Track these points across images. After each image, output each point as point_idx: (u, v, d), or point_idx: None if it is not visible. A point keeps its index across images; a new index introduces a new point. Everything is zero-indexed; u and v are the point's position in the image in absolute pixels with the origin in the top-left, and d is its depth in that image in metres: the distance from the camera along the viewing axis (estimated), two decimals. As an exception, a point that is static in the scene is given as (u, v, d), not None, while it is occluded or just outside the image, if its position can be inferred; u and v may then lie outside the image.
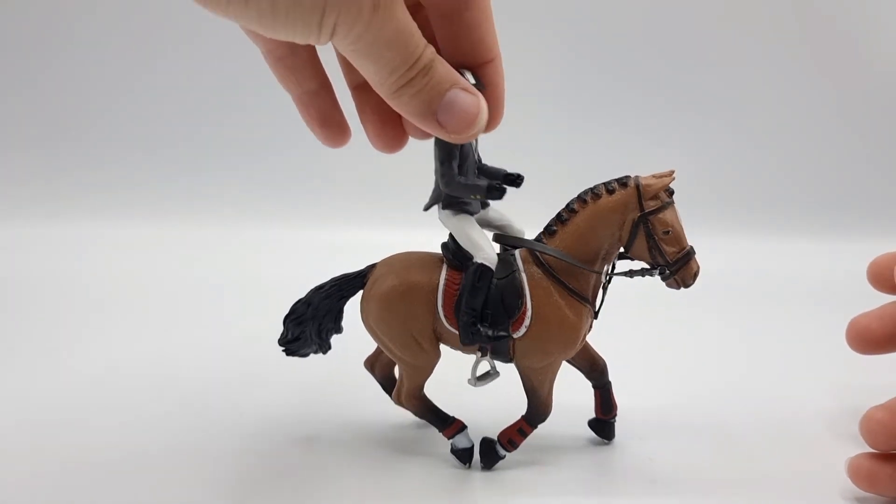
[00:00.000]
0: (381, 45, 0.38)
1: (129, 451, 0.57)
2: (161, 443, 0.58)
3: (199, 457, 0.56)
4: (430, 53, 0.40)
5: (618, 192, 0.49)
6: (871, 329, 0.54)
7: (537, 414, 0.53)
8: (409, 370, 0.54)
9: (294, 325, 0.54)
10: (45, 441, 0.59)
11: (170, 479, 0.53)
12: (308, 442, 0.58)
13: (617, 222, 0.49)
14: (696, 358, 0.78)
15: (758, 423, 0.62)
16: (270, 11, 0.35)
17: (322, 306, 0.54)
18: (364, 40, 0.37)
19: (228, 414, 0.64)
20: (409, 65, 0.39)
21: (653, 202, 0.48)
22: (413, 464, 0.55)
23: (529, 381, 0.52)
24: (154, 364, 0.75)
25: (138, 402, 0.66)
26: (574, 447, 0.58)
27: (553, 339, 0.50)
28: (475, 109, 0.41)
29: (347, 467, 0.54)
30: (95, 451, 0.57)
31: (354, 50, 0.38)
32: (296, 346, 0.55)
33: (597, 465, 0.55)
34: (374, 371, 0.61)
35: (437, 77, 0.40)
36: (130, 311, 0.93)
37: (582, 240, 0.50)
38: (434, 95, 0.40)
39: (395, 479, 0.53)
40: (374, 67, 0.39)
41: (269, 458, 0.56)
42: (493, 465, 0.54)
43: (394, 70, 0.39)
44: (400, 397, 0.55)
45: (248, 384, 0.70)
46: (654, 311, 0.80)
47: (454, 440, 0.54)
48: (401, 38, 0.38)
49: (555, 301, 0.50)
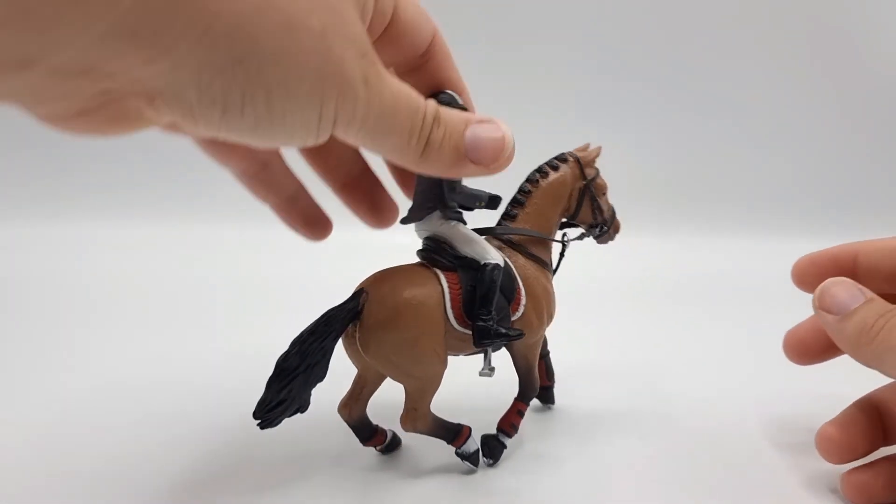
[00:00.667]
0: (387, 116, 0.37)
1: (128, 452, 0.57)
2: (161, 444, 0.59)
3: (198, 457, 0.57)
4: (431, 103, 0.39)
5: (562, 168, 0.57)
6: (805, 341, 0.55)
7: (531, 389, 0.56)
8: (424, 386, 0.51)
9: (281, 386, 0.47)
10: (43, 441, 0.59)
11: (163, 477, 0.53)
12: (307, 443, 0.58)
13: (566, 194, 0.57)
14: (695, 358, 0.78)
15: (757, 423, 0.62)
16: (267, 116, 0.34)
17: (317, 350, 0.48)
18: (370, 117, 0.36)
19: (228, 413, 0.64)
20: (421, 122, 0.39)
21: (590, 170, 0.58)
22: (413, 464, 0.55)
23: (525, 359, 0.55)
24: (153, 363, 0.75)
25: (138, 401, 0.66)
26: (571, 451, 0.57)
27: (543, 310, 0.54)
28: (500, 134, 0.41)
29: (346, 466, 0.55)
30: (95, 451, 0.57)
31: (365, 132, 0.37)
32: (277, 413, 0.48)
33: (598, 466, 0.55)
34: (351, 416, 0.54)
35: (451, 122, 0.40)
36: (130, 311, 0.93)
37: (543, 215, 0.56)
38: (457, 140, 0.40)
39: (394, 486, 0.53)
40: (392, 139, 0.38)
41: (268, 459, 0.56)
42: (499, 457, 0.54)
43: (411, 133, 0.38)
44: (415, 420, 0.52)
45: (246, 384, 0.70)
46: (654, 310, 0.81)
47: (465, 447, 0.53)
48: (400, 100, 0.38)
49: (534, 275, 0.54)
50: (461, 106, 0.47)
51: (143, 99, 0.32)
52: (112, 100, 0.32)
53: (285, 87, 0.33)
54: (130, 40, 0.28)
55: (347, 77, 0.34)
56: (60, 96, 0.30)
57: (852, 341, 0.46)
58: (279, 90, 0.33)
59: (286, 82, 0.33)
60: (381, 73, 0.36)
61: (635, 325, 0.89)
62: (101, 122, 0.33)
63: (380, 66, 0.37)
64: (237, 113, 0.33)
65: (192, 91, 0.31)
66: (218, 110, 0.33)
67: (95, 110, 0.32)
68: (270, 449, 0.57)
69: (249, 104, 0.33)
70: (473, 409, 0.57)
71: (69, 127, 0.33)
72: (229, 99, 0.32)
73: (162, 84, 0.31)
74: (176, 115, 0.33)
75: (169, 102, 0.32)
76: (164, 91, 0.31)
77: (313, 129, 0.36)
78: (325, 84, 0.34)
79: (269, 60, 0.32)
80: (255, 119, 0.34)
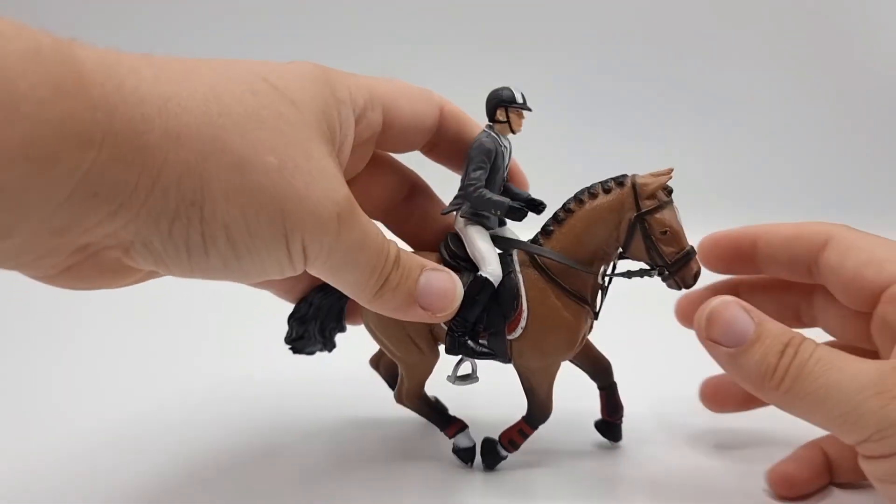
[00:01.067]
0: (354, 251, 0.37)
1: (128, 451, 0.58)
2: (160, 443, 0.59)
3: (202, 455, 0.57)
4: (392, 245, 0.40)
5: (614, 192, 0.48)
6: (721, 391, 0.53)
7: (537, 415, 0.53)
8: (408, 369, 0.54)
9: (297, 324, 0.54)
10: (41, 441, 0.59)
11: (169, 464, 0.54)
12: (307, 441, 0.59)
13: (613, 222, 0.48)
14: (700, 359, 0.77)
15: (761, 426, 0.61)
16: (233, 255, 0.34)
17: (323, 305, 0.54)
18: (338, 251, 0.37)
19: (229, 410, 0.64)
20: (384, 261, 0.39)
21: (650, 201, 0.47)
22: (414, 464, 0.55)
23: (528, 381, 0.52)
24: (153, 364, 0.75)
25: (138, 404, 0.66)
26: (577, 449, 0.58)
27: (550, 340, 0.50)
28: (450, 284, 0.42)
29: (347, 467, 0.55)
30: (94, 452, 0.57)
31: (331, 266, 0.37)
32: (301, 345, 0.55)
33: (599, 468, 0.55)
34: (379, 369, 0.61)
35: (407, 266, 0.41)
36: (130, 311, 0.92)
37: (578, 240, 0.49)
38: (411, 285, 0.40)
39: (395, 479, 0.53)
40: (354, 275, 0.39)
41: (269, 456, 0.56)
42: (495, 465, 0.54)
43: (373, 270, 0.39)
44: (401, 396, 0.56)
45: (247, 385, 0.70)
46: (658, 311, 0.80)
47: (456, 440, 0.55)
48: (368, 238, 0.38)
49: (551, 302, 0.49)
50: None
51: (119, 250, 0.34)
52: (92, 253, 0.34)
53: (244, 225, 0.33)
54: (93, 200, 0.30)
55: (314, 212, 0.34)
56: (45, 254, 0.32)
57: (755, 384, 0.40)
58: (237, 228, 0.33)
59: (244, 220, 0.33)
60: (354, 209, 0.37)
61: (656, 327, 0.88)
62: (87, 276, 0.35)
63: (352, 200, 0.37)
64: (202, 254, 0.34)
65: (155, 238, 0.33)
66: (184, 254, 0.34)
67: (80, 265, 0.34)
68: (272, 445, 0.58)
69: (212, 245, 0.33)
70: (490, 408, 0.57)
71: (59, 284, 0.35)
72: (191, 242, 0.33)
73: (130, 235, 0.32)
74: (149, 263, 0.35)
75: (139, 251, 0.34)
76: (133, 241, 0.33)
77: (286, 263, 0.36)
78: (288, 220, 0.34)
79: (221, 200, 0.32)
80: (222, 259, 0.34)
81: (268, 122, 0.34)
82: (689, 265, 0.48)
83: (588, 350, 0.56)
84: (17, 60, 0.27)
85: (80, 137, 0.28)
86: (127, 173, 0.30)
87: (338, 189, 0.36)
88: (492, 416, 0.56)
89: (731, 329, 0.41)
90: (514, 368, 0.52)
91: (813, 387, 0.38)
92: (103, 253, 0.34)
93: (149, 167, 0.31)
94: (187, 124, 0.32)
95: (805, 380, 0.39)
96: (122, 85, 0.30)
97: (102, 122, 0.29)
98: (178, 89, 0.32)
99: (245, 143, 0.33)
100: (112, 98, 0.30)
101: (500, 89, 0.48)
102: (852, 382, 0.38)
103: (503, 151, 0.49)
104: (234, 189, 0.33)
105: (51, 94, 0.27)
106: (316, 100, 0.37)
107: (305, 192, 0.34)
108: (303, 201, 0.34)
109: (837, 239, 0.48)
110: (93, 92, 0.29)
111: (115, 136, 0.29)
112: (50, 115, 0.27)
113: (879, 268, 0.45)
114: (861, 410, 0.37)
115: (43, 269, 0.34)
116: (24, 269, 0.34)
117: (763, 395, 0.41)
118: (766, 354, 0.40)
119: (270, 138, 0.34)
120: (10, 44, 0.27)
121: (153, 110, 0.31)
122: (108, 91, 0.30)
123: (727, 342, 0.41)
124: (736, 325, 0.41)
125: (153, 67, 0.32)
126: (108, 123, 0.29)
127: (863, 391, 0.37)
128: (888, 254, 0.46)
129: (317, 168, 0.35)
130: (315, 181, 0.35)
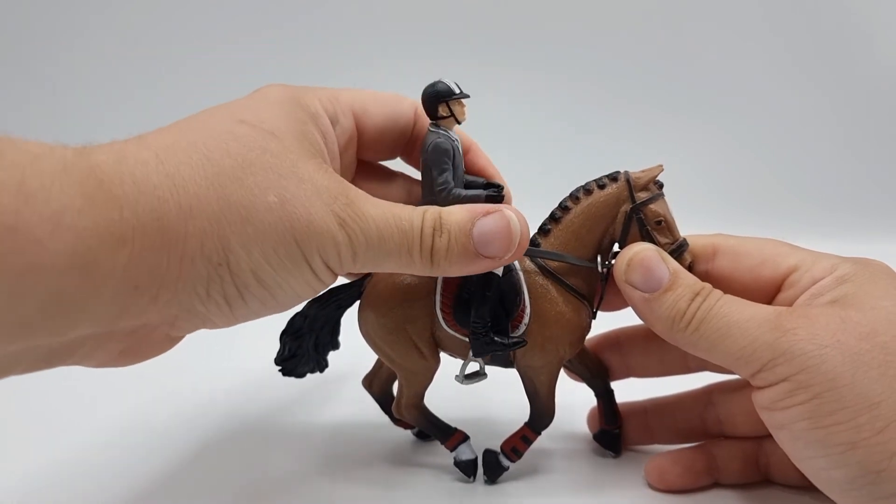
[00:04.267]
0: (375, 245, 0.38)
1: (128, 453, 0.58)
2: (160, 442, 0.59)
3: (203, 454, 0.57)
4: (430, 211, 0.40)
5: (609, 187, 0.49)
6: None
7: (540, 419, 0.52)
8: (408, 377, 0.52)
9: (291, 340, 0.53)
10: (41, 441, 0.60)
11: (168, 465, 0.54)
12: (308, 455, 0.58)
13: (610, 216, 0.49)
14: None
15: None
16: (268, 293, 0.38)
17: (319, 317, 0.52)
18: (360, 252, 0.38)
19: (229, 411, 0.64)
20: (418, 237, 0.39)
21: (643, 193, 0.48)
22: (415, 477, 0.54)
23: (531, 382, 0.51)
24: (153, 364, 0.75)
25: (137, 404, 0.67)
26: (576, 455, 0.57)
27: (552, 337, 0.49)
28: (503, 222, 0.41)
29: (349, 481, 0.54)
30: (94, 451, 0.58)
31: (363, 263, 0.39)
32: (292, 364, 0.53)
33: (598, 472, 0.55)
34: (371, 389, 0.59)
35: (455, 225, 0.40)
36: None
37: (576, 236, 0.49)
38: (465, 242, 0.40)
39: (396, 493, 0.52)
40: (391, 262, 0.40)
41: (268, 470, 0.56)
42: (498, 477, 0.53)
43: (409, 251, 0.39)
44: (400, 408, 0.54)
45: (245, 393, 0.70)
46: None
47: (457, 452, 0.53)
48: (387, 226, 0.39)
49: (552, 298, 0.49)
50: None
51: (165, 325, 0.38)
52: (143, 335, 0.38)
53: (268, 265, 0.36)
54: (134, 292, 0.33)
55: (319, 229, 0.37)
56: (98, 346, 0.36)
57: (666, 326, 0.44)
58: (263, 271, 0.36)
59: (266, 260, 0.36)
60: (360, 209, 0.38)
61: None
62: (141, 352, 0.39)
63: (359, 200, 0.39)
64: (241, 303, 0.37)
65: (197, 304, 0.36)
66: (225, 308, 0.37)
67: (132, 348, 0.38)
68: (271, 459, 0.58)
69: (246, 292, 0.37)
70: (490, 419, 0.56)
71: (117, 365, 0.39)
72: (228, 296, 0.37)
73: (175, 309, 0.36)
74: (196, 327, 0.38)
75: (186, 319, 0.37)
76: (178, 314, 0.37)
77: (315, 282, 0.39)
78: (302, 245, 0.37)
79: (242, 251, 0.35)
80: (259, 300, 0.38)
81: (256, 164, 0.36)
82: (683, 257, 0.48)
83: (585, 354, 0.56)
84: (52, 177, 0.29)
85: (115, 237, 0.31)
86: (158, 257, 0.33)
87: (334, 197, 0.38)
88: (491, 426, 0.55)
89: (649, 275, 0.44)
90: (517, 370, 0.52)
91: (717, 325, 0.42)
92: (153, 332, 0.38)
93: (174, 244, 0.33)
94: (195, 195, 0.34)
95: (710, 321, 0.42)
96: (135, 178, 0.33)
97: (130, 218, 0.32)
98: (176, 162, 0.35)
99: (244, 191, 0.35)
100: (132, 194, 0.32)
101: (434, 84, 0.46)
102: (751, 321, 0.41)
103: (457, 146, 0.47)
104: (250, 238, 0.35)
105: (85, 203, 0.30)
106: (291, 122, 0.40)
107: (307, 215, 0.36)
108: (309, 225, 0.36)
109: (723, 248, 0.49)
110: (116, 192, 0.32)
111: (143, 228, 0.32)
112: (87, 222, 0.30)
113: (774, 265, 0.47)
114: (757, 344, 0.40)
115: (99, 359, 0.37)
116: (83, 361, 0.37)
117: (671, 338, 0.44)
118: (677, 300, 0.43)
119: (264, 179, 0.36)
120: (43, 163, 0.30)
121: (165, 192, 0.34)
122: (127, 189, 0.32)
123: (644, 287, 0.44)
124: (653, 273, 0.44)
125: (151, 149, 0.35)
126: (134, 218, 0.32)
127: (760, 327, 0.41)
128: (775, 249, 0.48)
129: (310, 188, 0.37)
130: (312, 203, 0.37)
